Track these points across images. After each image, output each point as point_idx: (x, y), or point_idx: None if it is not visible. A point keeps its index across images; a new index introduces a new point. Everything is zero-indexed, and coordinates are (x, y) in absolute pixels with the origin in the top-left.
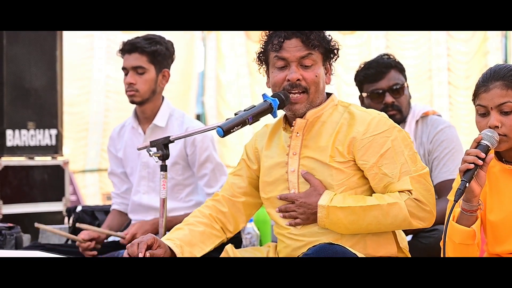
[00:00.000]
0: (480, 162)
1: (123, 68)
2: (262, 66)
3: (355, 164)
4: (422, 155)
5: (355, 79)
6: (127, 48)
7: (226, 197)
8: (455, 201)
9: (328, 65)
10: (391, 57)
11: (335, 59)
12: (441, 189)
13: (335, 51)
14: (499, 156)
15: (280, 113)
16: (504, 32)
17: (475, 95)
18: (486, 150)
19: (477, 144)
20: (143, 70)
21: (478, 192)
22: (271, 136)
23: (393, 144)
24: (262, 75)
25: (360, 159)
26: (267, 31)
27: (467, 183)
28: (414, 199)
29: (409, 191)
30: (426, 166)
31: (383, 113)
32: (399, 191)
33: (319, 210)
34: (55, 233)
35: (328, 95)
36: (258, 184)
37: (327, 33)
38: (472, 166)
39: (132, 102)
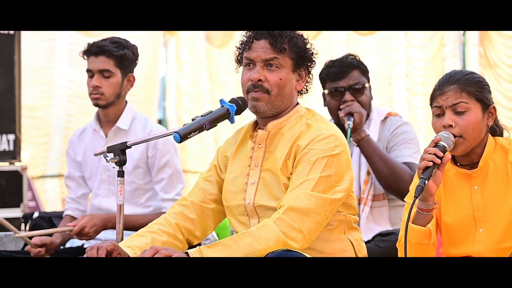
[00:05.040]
0: (438, 160)
1: (88, 70)
2: (239, 67)
3: None
4: (381, 147)
5: (319, 76)
6: (94, 51)
7: (196, 203)
8: (416, 197)
9: (303, 72)
10: (356, 57)
11: (310, 67)
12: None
13: (308, 58)
14: (455, 160)
15: (239, 118)
16: (462, 38)
17: (432, 99)
18: (443, 150)
19: (435, 144)
20: (109, 74)
21: (435, 191)
22: (241, 143)
23: (317, 160)
24: (223, 81)
25: (293, 169)
26: (247, 32)
27: (426, 180)
28: (285, 217)
29: (287, 207)
30: (339, 198)
31: (337, 133)
32: (280, 206)
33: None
34: (9, 227)
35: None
36: None
37: (306, 37)
38: (431, 164)
39: (96, 105)
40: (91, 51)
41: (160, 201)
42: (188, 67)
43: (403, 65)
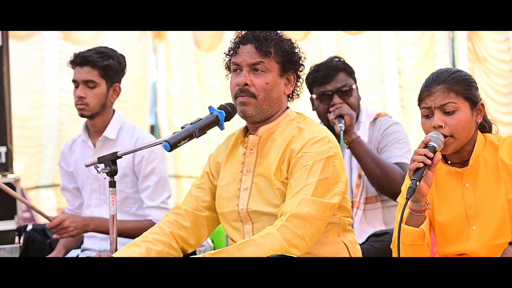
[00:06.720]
0: (429, 161)
1: (74, 81)
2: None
3: None
4: (372, 149)
5: (306, 81)
6: (79, 61)
7: (189, 211)
8: (407, 198)
9: (291, 76)
10: (341, 60)
11: (298, 70)
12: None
13: (296, 62)
14: (445, 159)
15: (228, 125)
16: (451, 35)
17: (420, 100)
18: (433, 150)
19: (425, 145)
20: (94, 84)
21: (426, 192)
22: (232, 149)
23: (313, 164)
24: (211, 85)
25: (288, 174)
26: (237, 34)
27: (418, 182)
28: (289, 224)
29: (290, 214)
30: (337, 202)
31: (329, 136)
32: (282, 213)
33: None
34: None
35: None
36: None
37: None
38: (421, 165)
39: (81, 115)
40: (76, 61)
41: (145, 209)
42: (178, 71)
43: (395, 63)
